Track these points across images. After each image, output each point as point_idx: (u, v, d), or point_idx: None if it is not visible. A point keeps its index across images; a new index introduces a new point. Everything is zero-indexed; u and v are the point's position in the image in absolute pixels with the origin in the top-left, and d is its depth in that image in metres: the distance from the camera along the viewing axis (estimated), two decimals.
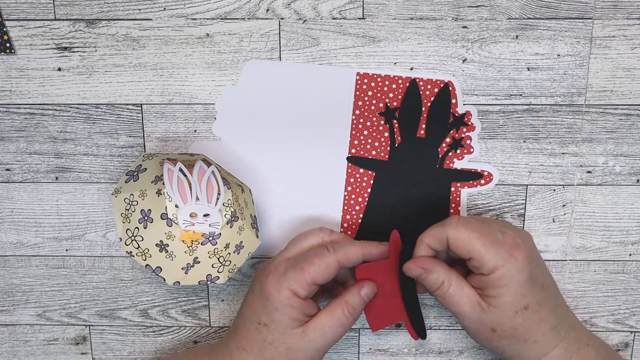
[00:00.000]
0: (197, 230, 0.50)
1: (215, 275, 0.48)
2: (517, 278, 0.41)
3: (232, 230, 0.49)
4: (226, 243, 0.49)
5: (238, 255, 0.48)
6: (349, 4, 0.46)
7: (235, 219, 0.49)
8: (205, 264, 0.49)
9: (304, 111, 0.48)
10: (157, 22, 0.47)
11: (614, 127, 0.48)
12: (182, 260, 0.49)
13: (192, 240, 0.50)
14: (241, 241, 0.48)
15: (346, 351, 0.53)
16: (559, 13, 0.46)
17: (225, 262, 0.48)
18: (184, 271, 0.49)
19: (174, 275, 0.48)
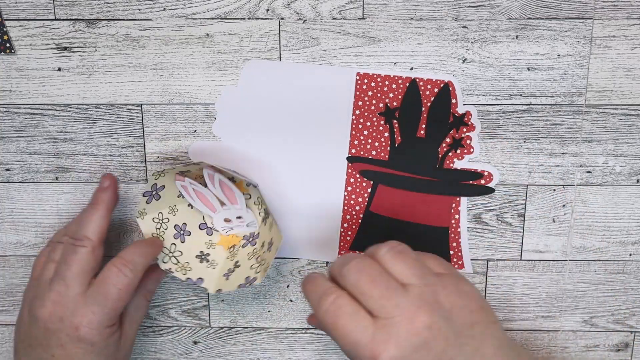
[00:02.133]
0: (237, 234, 0.50)
1: (252, 276, 0.47)
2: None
3: (266, 228, 0.49)
4: (262, 242, 0.49)
5: (269, 252, 0.47)
6: (349, 4, 0.46)
7: (267, 216, 0.49)
8: (245, 266, 0.48)
9: (304, 111, 0.48)
10: (157, 22, 0.47)
11: (614, 127, 0.48)
12: (224, 267, 0.49)
13: (232, 245, 0.50)
14: (272, 238, 0.48)
15: None
16: (559, 13, 0.46)
17: (261, 261, 0.48)
18: (225, 278, 0.48)
19: (215, 283, 0.47)
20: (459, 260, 0.50)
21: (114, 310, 0.43)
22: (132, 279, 0.43)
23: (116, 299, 0.43)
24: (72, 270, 0.43)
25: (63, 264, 0.43)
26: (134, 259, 0.44)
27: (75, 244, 0.43)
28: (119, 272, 0.43)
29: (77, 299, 0.42)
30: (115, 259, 0.44)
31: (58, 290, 0.43)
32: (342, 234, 0.50)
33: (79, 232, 0.44)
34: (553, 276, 0.51)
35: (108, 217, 0.45)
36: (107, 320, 0.43)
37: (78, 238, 0.43)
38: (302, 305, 0.52)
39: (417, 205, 0.49)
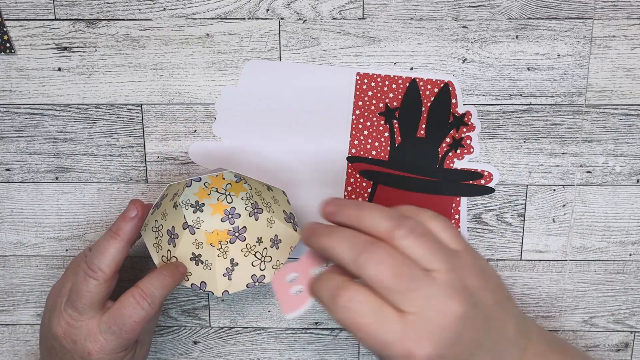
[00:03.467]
0: (220, 228, 0.49)
1: (260, 274, 0.47)
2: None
3: (260, 223, 0.49)
4: (257, 237, 0.49)
5: (278, 250, 0.47)
6: (349, 4, 0.46)
7: (259, 211, 0.49)
8: (244, 264, 0.48)
9: (304, 111, 0.48)
10: (157, 22, 0.47)
11: (614, 127, 0.48)
12: (220, 266, 0.48)
13: (219, 241, 0.49)
14: (276, 235, 0.48)
15: (346, 351, 0.53)
16: (559, 13, 0.46)
17: (264, 257, 0.48)
18: (227, 277, 0.48)
19: (219, 285, 0.47)
20: None
21: (127, 340, 0.42)
22: (150, 312, 0.42)
23: (130, 331, 0.42)
24: (83, 301, 0.42)
25: (75, 291, 0.42)
26: (153, 292, 0.42)
27: (88, 273, 0.42)
28: (136, 304, 0.42)
29: (90, 325, 0.42)
30: (134, 289, 0.42)
31: (71, 314, 0.43)
32: None
33: (94, 261, 0.42)
34: (553, 276, 0.51)
35: (126, 251, 0.43)
36: (120, 348, 0.42)
37: (91, 267, 0.42)
38: None
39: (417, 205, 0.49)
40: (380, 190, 0.49)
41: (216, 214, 0.49)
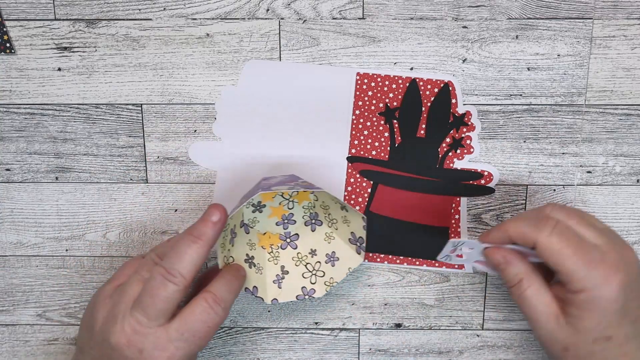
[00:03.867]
0: (272, 231, 0.48)
1: (310, 287, 0.46)
2: (606, 307, 0.37)
3: (316, 235, 0.48)
4: (310, 248, 0.48)
5: (333, 267, 0.46)
6: (349, 4, 0.46)
7: (318, 223, 0.48)
8: (295, 273, 0.47)
9: (304, 111, 0.48)
10: (157, 22, 0.47)
11: (614, 127, 0.48)
12: (271, 272, 0.47)
13: (270, 245, 0.48)
14: (333, 251, 0.47)
15: (346, 351, 0.53)
16: (559, 13, 0.46)
17: (316, 271, 0.47)
18: (277, 285, 0.47)
19: (269, 292, 0.46)
20: None
21: (198, 348, 0.40)
22: (222, 318, 0.40)
23: (203, 337, 0.40)
24: (158, 307, 0.39)
25: (148, 295, 0.39)
26: (225, 296, 0.41)
27: (167, 277, 0.39)
28: (210, 309, 0.40)
29: (159, 332, 0.39)
30: (206, 294, 0.40)
31: (139, 319, 0.39)
32: None
33: (174, 265, 0.40)
34: None
35: (207, 255, 0.41)
36: (188, 356, 0.40)
37: (171, 272, 0.39)
38: (301, 306, 0.52)
39: (417, 205, 0.49)
40: (380, 190, 0.49)
41: (274, 217, 0.48)
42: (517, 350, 0.53)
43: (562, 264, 0.38)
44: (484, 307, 0.52)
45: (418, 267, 0.51)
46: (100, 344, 0.40)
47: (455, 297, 0.52)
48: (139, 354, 0.39)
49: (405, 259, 0.51)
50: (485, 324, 0.52)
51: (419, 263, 0.51)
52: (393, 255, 0.50)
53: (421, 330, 0.52)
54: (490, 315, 0.52)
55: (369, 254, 0.50)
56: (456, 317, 0.52)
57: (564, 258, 0.37)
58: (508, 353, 0.53)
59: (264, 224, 0.48)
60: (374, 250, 0.50)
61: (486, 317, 0.52)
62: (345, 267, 0.46)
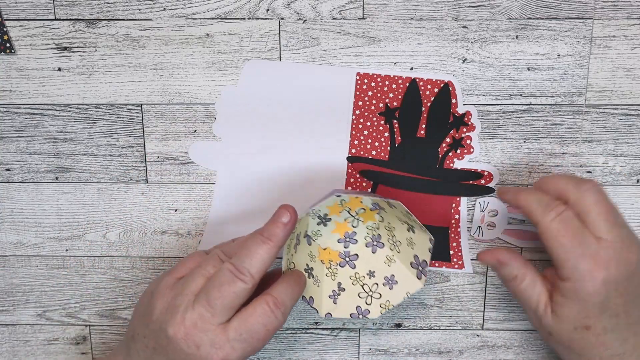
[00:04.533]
0: (333, 248, 0.48)
1: (365, 308, 0.46)
2: (586, 299, 0.39)
3: (376, 257, 0.47)
4: (369, 270, 0.47)
5: (391, 290, 0.46)
6: (349, 4, 0.46)
7: (380, 245, 0.47)
8: (351, 292, 0.47)
9: (304, 111, 0.48)
10: (157, 22, 0.47)
11: (614, 127, 0.48)
12: (327, 286, 0.47)
13: (329, 260, 0.47)
14: (392, 275, 0.46)
15: (346, 351, 0.53)
16: (559, 13, 0.46)
17: (372, 293, 0.46)
18: (332, 300, 0.46)
19: (324, 306, 0.46)
20: (459, 260, 0.50)
21: (254, 350, 0.40)
22: (281, 322, 0.40)
23: (261, 339, 0.40)
24: (225, 302, 0.39)
25: (216, 290, 0.39)
26: (286, 301, 0.40)
27: (237, 275, 0.39)
28: (270, 312, 0.39)
29: (218, 329, 0.39)
30: (268, 296, 0.40)
31: (202, 314, 0.39)
32: None
33: (244, 264, 0.39)
34: None
35: (275, 257, 0.41)
36: (244, 357, 0.40)
37: (241, 270, 0.39)
38: (301, 305, 0.52)
39: (417, 205, 0.49)
40: (380, 190, 0.49)
41: (336, 233, 0.48)
42: (517, 350, 0.53)
43: (555, 251, 0.39)
44: (484, 307, 0.52)
45: None
46: (156, 333, 0.40)
47: (455, 297, 0.52)
48: (196, 349, 0.39)
49: None
50: (485, 324, 0.52)
51: None
52: None
53: (421, 330, 0.52)
54: (490, 315, 0.52)
55: None
56: (456, 317, 0.52)
57: (558, 246, 0.39)
58: (508, 353, 0.53)
59: (326, 238, 0.47)
60: None
61: (486, 317, 0.52)
62: (404, 292, 0.45)
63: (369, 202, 0.42)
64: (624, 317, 0.40)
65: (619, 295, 0.39)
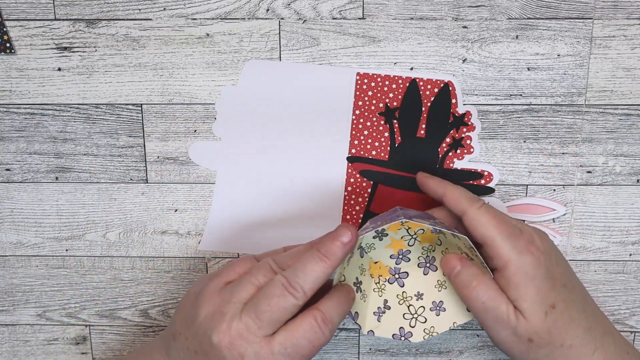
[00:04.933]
0: (384, 263, 0.46)
1: (408, 330, 0.44)
2: (533, 274, 0.40)
3: (427, 280, 0.45)
4: (417, 291, 0.45)
5: (437, 317, 0.44)
6: (349, 4, 0.46)
7: (433, 268, 0.45)
8: (396, 311, 0.45)
9: (304, 111, 0.48)
10: (157, 22, 0.47)
11: (614, 127, 0.48)
12: (374, 302, 0.45)
13: (379, 275, 0.46)
14: (441, 301, 0.45)
15: (346, 351, 0.53)
16: (559, 13, 0.46)
17: (417, 316, 0.45)
18: (377, 318, 0.45)
19: (368, 322, 0.44)
20: None
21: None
22: (328, 339, 0.39)
23: (306, 355, 0.38)
24: (274, 316, 0.38)
25: (266, 302, 0.38)
26: (334, 317, 0.39)
27: (289, 289, 0.38)
28: (318, 328, 0.38)
29: (263, 342, 0.38)
30: (316, 311, 0.39)
31: (248, 325, 0.38)
32: None
33: (298, 279, 0.38)
34: None
35: (330, 275, 0.39)
36: None
37: (294, 285, 0.38)
38: None
39: (417, 205, 0.49)
40: (380, 190, 0.49)
41: (390, 248, 0.46)
42: None
43: (487, 235, 0.40)
44: None
45: None
46: (199, 337, 0.40)
47: None
48: (240, 358, 0.38)
49: None
50: None
51: None
52: None
53: None
54: None
55: None
56: None
57: (490, 229, 0.40)
58: None
59: (379, 252, 0.46)
60: None
61: None
62: (451, 321, 0.44)
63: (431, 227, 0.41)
64: (570, 287, 0.42)
65: (555, 264, 0.41)
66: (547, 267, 0.40)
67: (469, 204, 0.42)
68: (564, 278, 0.41)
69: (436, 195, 0.44)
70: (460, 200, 0.42)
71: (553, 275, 0.41)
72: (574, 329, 0.41)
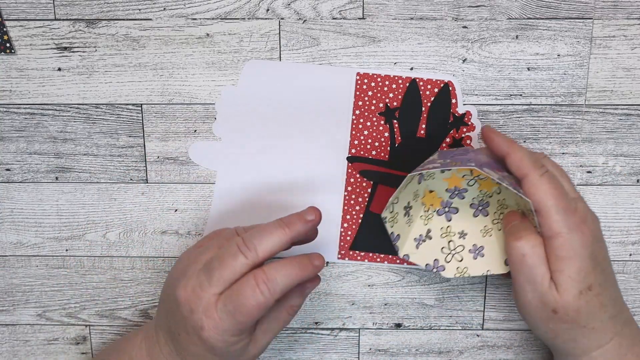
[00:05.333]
0: (438, 194, 0.46)
1: (441, 264, 0.44)
2: (580, 252, 0.39)
3: (475, 222, 0.46)
4: (462, 230, 0.46)
5: (474, 260, 0.44)
6: (349, 4, 0.46)
7: (484, 213, 0.46)
8: (435, 243, 0.45)
9: (304, 111, 0.48)
10: (157, 22, 0.47)
11: (614, 127, 0.48)
12: (417, 229, 0.45)
13: (430, 205, 0.46)
14: (482, 246, 0.45)
15: (346, 351, 0.53)
16: (559, 13, 0.46)
17: (455, 253, 0.45)
18: (416, 244, 0.45)
19: (406, 246, 0.44)
20: None
21: (241, 324, 0.40)
22: (268, 299, 0.39)
23: (245, 314, 0.39)
24: (223, 273, 0.39)
25: (218, 261, 0.40)
26: (276, 278, 0.39)
27: (241, 249, 0.40)
28: (255, 287, 0.39)
29: (212, 298, 0.39)
30: (257, 271, 0.39)
31: (201, 281, 0.40)
32: (342, 234, 0.50)
33: (253, 239, 0.40)
34: None
35: (285, 246, 0.41)
36: (232, 330, 0.40)
37: (247, 244, 0.40)
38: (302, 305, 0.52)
39: None
40: (380, 190, 0.49)
41: (448, 182, 0.46)
42: (517, 350, 0.53)
43: (544, 204, 0.40)
44: (484, 307, 0.52)
45: (418, 267, 0.51)
46: (169, 296, 0.42)
47: (455, 297, 0.52)
48: (190, 314, 0.40)
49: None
50: (485, 324, 0.52)
51: None
52: (393, 255, 0.50)
53: (421, 330, 0.52)
54: (490, 315, 0.52)
55: (369, 254, 0.50)
56: (456, 317, 0.52)
57: (547, 199, 0.40)
58: (508, 353, 0.53)
59: (437, 183, 0.46)
60: (373, 250, 0.50)
61: (486, 317, 0.52)
62: (486, 268, 0.44)
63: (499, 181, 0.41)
64: (609, 274, 0.41)
65: (600, 248, 0.41)
66: (592, 249, 0.40)
67: (532, 168, 0.41)
68: (604, 263, 0.41)
69: (499, 153, 0.42)
70: (524, 164, 0.41)
71: (596, 258, 0.40)
72: (601, 314, 0.41)
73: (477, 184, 0.45)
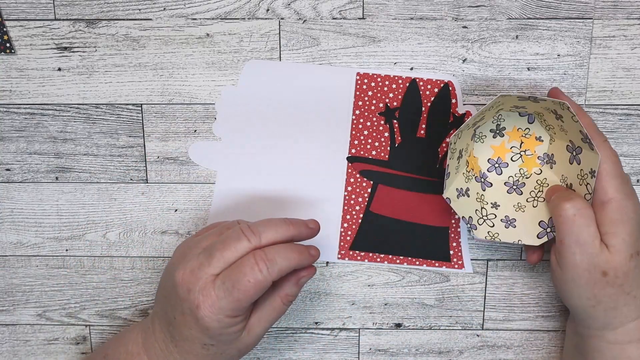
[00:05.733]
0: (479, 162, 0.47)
1: (474, 223, 0.45)
2: (632, 217, 0.41)
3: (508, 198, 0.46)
4: (495, 201, 0.46)
5: (506, 229, 0.45)
6: (349, 4, 0.46)
7: (518, 192, 0.46)
8: (471, 202, 0.46)
9: (304, 111, 0.48)
10: (157, 22, 0.47)
11: (614, 127, 0.48)
12: (459, 181, 0.46)
13: (471, 168, 0.47)
14: (514, 218, 0.46)
15: (346, 351, 0.53)
16: (559, 13, 0.46)
17: (487, 218, 0.46)
18: (457, 194, 0.45)
19: (450, 190, 0.45)
20: (459, 260, 0.50)
21: (238, 302, 0.40)
22: (266, 278, 0.39)
23: (243, 291, 0.39)
24: (224, 254, 0.40)
25: (221, 242, 0.41)
26: (275, 258, 0.40)
27: (245, 231, 0.41)
28: (254, 265, 0.39)
29: (210, 278, 0.40)
30: (258, 250, 0.40)
31: (201, 262, 0.40)
32: (342, 234, 0.50)
33: (258, 227, 0.41)
34: None
35: (286, 239, 0.42)
36: (229, 310, 0.40)
37: (252, 229, 0.41)
38: (301, 306, 0.52)
39: (417, 205, 0.49)
40: (380, 190, 0.49)
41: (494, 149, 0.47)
42: (517, 350, 0.53)
43: (603, 167, 0.41)
44: (484, 307, 0.52)
45: (418, 267, 0.51)
46: (166, 281, 0.43)
47: (455, 297, 0.52)
48: (187, 294, 0.40)
49: (405, 258, 0.51)
50: (485, 324, 0.52)
51: (419, 263, 0.51)
52: (393, 255, 0.50)
53: (421, 330, 0.52)
54: (490, 315, 0.52)
55: (369, 254, 0.51)
56: (456, 317, 0.52)
57: (607, 164, 0.41)
58: (508, 353, 0.53)
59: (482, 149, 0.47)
60: (373, 250, 0.50)
61: (486, 317, 0.52)
62: (516, 237, 0.45)
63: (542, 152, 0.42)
64: None
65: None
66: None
67: (597, 133, 0.42)
68: None
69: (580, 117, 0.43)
70: (590, 127, 0.42)
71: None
72: None
73: (521, 160, 0.46)
